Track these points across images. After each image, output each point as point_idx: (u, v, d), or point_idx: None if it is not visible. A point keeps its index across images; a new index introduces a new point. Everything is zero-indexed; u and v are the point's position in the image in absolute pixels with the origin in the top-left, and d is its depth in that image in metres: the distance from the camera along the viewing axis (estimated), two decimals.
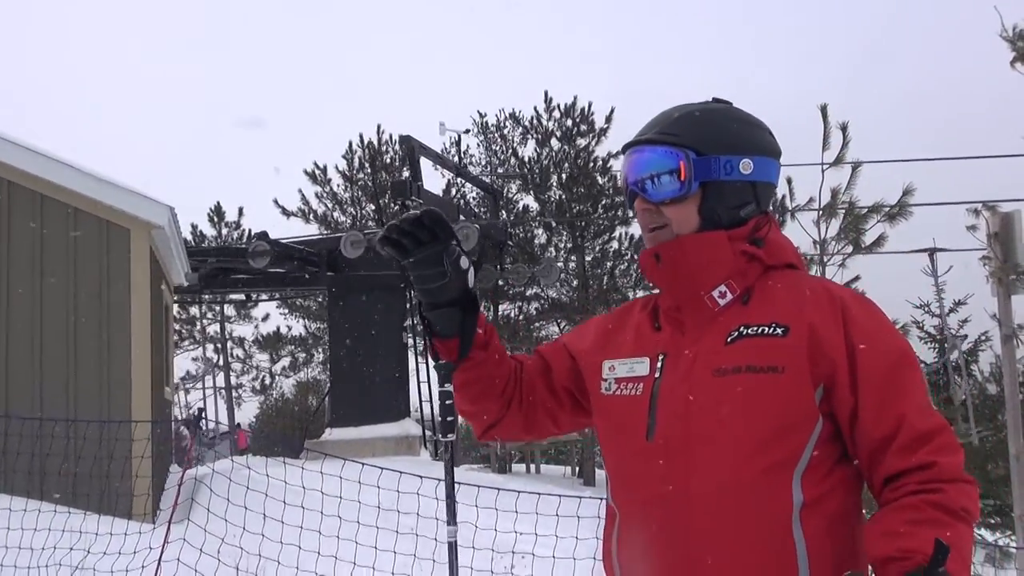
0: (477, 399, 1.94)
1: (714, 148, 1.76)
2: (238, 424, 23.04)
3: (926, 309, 18.32)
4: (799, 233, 7.50)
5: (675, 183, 1.76)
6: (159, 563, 6.70)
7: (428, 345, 1.89)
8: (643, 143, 1.82)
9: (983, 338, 17.44)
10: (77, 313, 9.98)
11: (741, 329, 1.71)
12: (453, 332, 1.85)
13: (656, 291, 1.90)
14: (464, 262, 1.80)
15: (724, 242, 1.75)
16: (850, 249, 7.07)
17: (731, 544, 1.64)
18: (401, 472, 7.10)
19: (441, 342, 1.87)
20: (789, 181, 7.50)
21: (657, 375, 1.76)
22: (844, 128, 6.97)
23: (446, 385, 1.88)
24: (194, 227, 29.52)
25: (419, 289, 1.82)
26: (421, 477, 7.05)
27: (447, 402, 1.90)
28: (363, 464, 7.17)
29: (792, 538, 1.62)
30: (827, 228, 7.14)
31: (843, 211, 6.99)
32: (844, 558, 1.65)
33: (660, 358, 1.77)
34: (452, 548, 2.01)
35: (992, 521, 16.76)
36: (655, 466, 1.71)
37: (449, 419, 1.93)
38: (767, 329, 1.69)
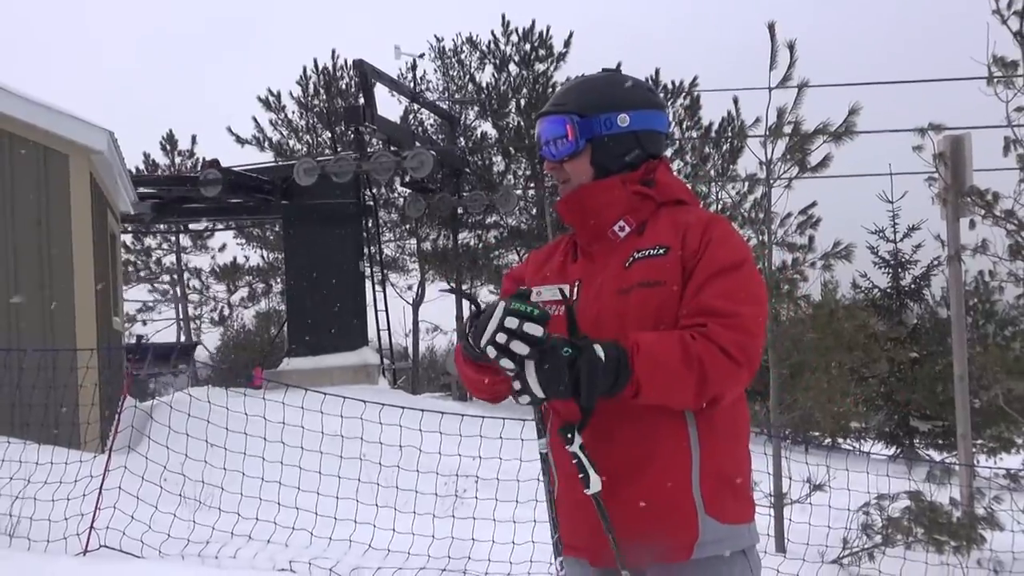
0: (497, 396, 2.27)
1: (593, 109, 2.15)
2: (260, 363, 22.57)
3: (881, 234, 18.46)
4: (746, 155, 7.44)
5: (567, 144, 2.15)
6: (100, 491, 6.62)
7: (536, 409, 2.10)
8: (542, 115, 2.22)
9: (935, 263, 17.59)
10: (16, 241, 9.75)
11: (635, 254, 2.11)
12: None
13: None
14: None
15: (617, 185, 2.14)
16: (795, 171, 7.00)
17: (640, 417, 2.01)
18: (345, 397, 7.06)
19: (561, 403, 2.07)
20: (736, 101, 7.42)
21: (575, 298, 2.13)
22: (791, 47, 6.84)
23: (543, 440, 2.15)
24: (146, 155, 28.83)
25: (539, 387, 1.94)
26: (364, 402, 7.01)
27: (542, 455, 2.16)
28: (306, 390, 7.12)
29: (683, 412, 2.02)
30: (774, 149, 7.07)
31: (789, 132, 6.90)
32: (726, 431, 2.07)
33: (576, 284, 2.16)
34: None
35: (940, 442, 17.16)
36: None
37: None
38: (652, 251, 2.09)
